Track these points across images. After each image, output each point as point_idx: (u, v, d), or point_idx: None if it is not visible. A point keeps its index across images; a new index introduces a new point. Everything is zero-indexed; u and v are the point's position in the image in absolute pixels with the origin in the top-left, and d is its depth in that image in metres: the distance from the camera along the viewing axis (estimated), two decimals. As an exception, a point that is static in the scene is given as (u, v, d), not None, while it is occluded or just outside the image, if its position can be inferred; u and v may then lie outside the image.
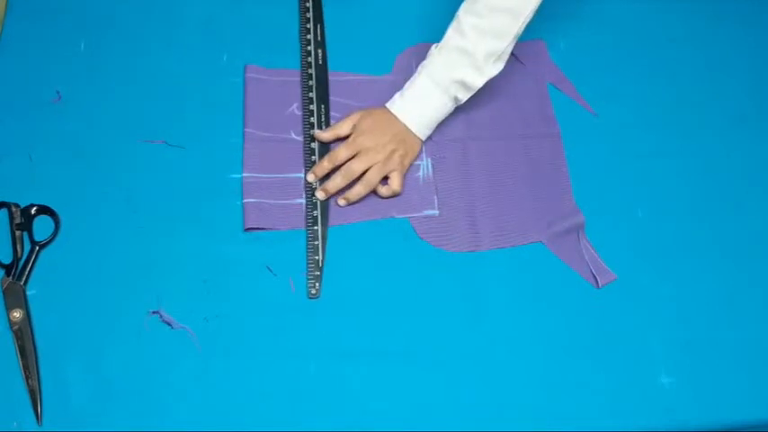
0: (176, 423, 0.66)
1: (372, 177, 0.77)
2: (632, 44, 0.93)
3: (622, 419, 0.69)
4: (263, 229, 0.76)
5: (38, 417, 0.65)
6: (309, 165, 0.80)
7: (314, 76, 0.85)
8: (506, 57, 0.78)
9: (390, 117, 0.79)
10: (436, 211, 0.79)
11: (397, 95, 0.80)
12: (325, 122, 0.83)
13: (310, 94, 0.84)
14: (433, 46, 0.79)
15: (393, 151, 0.78)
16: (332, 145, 0.81)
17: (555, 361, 0.71)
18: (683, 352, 0.72)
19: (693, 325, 0.74)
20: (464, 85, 0.78)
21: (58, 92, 0.82)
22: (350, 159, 0.78)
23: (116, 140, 0.80)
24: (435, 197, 0.80)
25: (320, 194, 0.77)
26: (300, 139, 0.82)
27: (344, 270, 0.74)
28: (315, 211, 0.77)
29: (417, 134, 0.80)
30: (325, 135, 0.80)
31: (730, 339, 0.73)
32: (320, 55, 0.87)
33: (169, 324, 0.70)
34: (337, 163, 0.78)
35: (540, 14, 0.91)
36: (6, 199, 0.75)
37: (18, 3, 0.89)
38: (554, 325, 0.73)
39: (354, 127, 0.80)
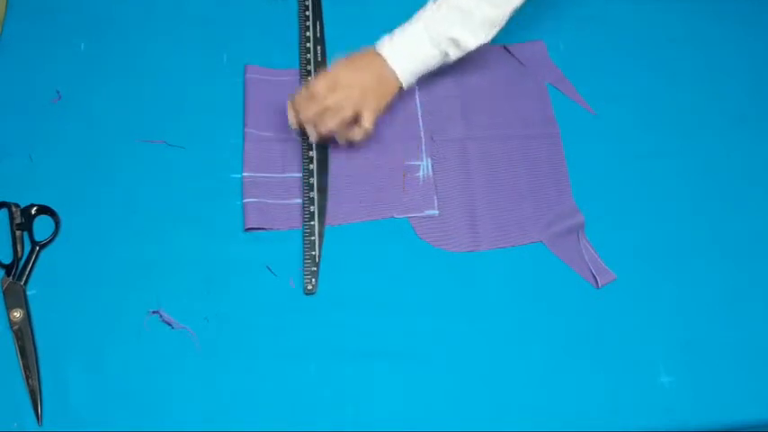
0: (176, 423, 0.66)
1: (346, 112, 0.76)
2: (632, 44, 0.93)
3: (622, 419, 0.69)
4: (263, 228, 0.76)
5: (38, 417, 0.65)
6: (306, 159, 0.80)
7: (312, 72, 0.85)
8: (500, 27, 0.79)
9: (376, 57, 0.79)
10: (436, 211, 0.79)
11: (385, 38, 0.79)
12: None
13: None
14: (431, 0, 0.80)
15: (368, 89, 0.77)
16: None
17: (555, 361, 0.71)
18: (682, 352, 0.72)
19: (693, 325, 0.74)
20: (457, 44, 0.78)
21: (58, 92, 0.82)
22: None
23: (116, 140, 0.80)
24: (435, 197, 0.80)
25: (294, 122, 0.79)
26: (301, 139, 0.82)
27: (345, 270, 0.74)
28: (312, 207, 0.77)
29: (400, 79, 0.79)
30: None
31: (730, 339, 0.73)
32: (319, 51, 0.87)
33: (169, 324, 0.70)
34: (314, 93, 0.76)
35: (539, 14, 0.91)
36: (6, 199, 0.75)
37: (18, 3, 0.89)
38: (554, 325, 0.73)
39: (334, 61, 0.79)
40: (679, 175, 0.83)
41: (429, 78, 0.86)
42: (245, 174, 0.79)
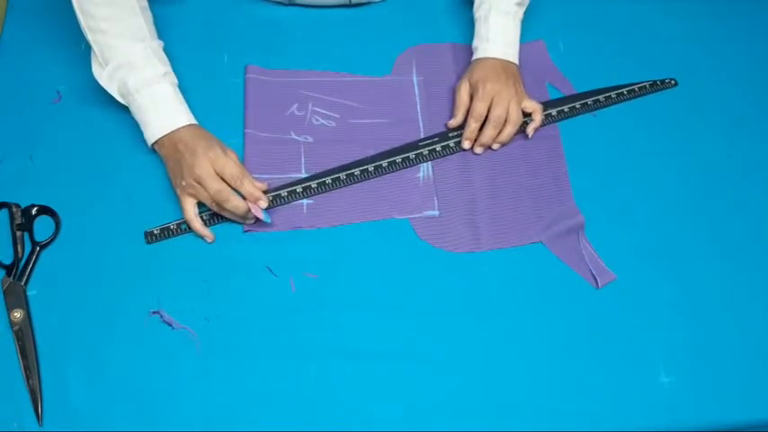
0: (176, 423, 0.66)
1: (516, 113, 0.82)
2: (632, 44, 0.93)
3: (622, 419, 0.69)
4: (263, 229, 0.76)
5: (38, 417, 0.65)
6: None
7: None
8: None
9: (489, 61, 0.83)
10: (436, 212, 0.79)
11: (481, 45, 0.85)
12: None
13: None
14: None
15: (514, 83, 0.83)
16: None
17: (555, 361, 0.71)
18: (682, 352, 0.72)
19: (693, 325, 0.74)
20: (521, 2, 0.86)
21: (58, 92, 0.82)
22: (488, 110, 0.81)
23: (116, 140, 0.80)
24: (435, 198, 0.80)
25: (479, 150, 0.82)
26: (301, 139, 0.82)
27: (345, 270, 0.74)
28: None
29: (515, 61, 0.85)
30: (457, 119, 0.83)
31: (730, 339, 0.73)
32: None
33: (170, 324, 0.70)
34: (481, 119, 0.81)
35: (539, 15, 0.91)
36: (7, 199, 0.75)
37: (18, 3, 0.89)
38: (554, 325, 0.73)
39: (471, 86, 0.83)
40: (679, 175, 0.83)
41: (429, 78, 0.86)
42: (245, 174, 0.79)
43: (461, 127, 0.83)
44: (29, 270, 0.72)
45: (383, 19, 0.92)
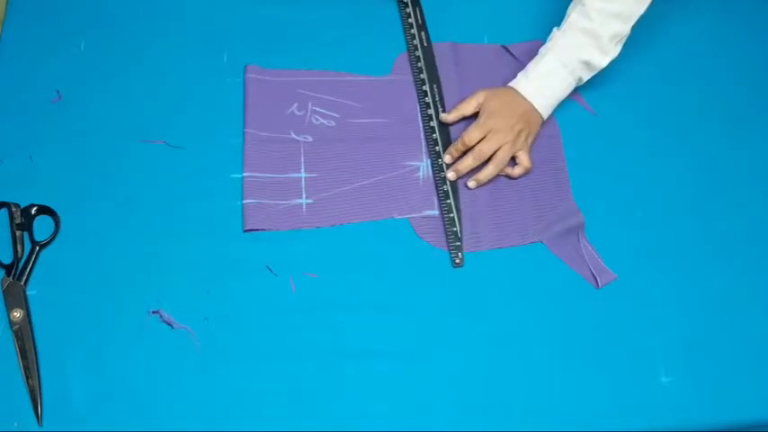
0: (176, 423, 0.66)
1: (503, 157, 0.79)
2: (632, 44, 0.93)
3: (622, 419, 0.69)
4: (263, 229, 0.76)
5: (38, 417, 0.65)
6: (431, 143, 0.82)
7: (421, 57, 0.87)
8: (626, 38, 0.82)
9: (516, 97, 0.81)
10: (436, 212, 0.79)
11: (521, 76, 0.82)
12: (440, 102, 0.84)
13: (421, 75, 0.86)
14: (555, 29, 0.82)
15: (520, 131, 0.80)
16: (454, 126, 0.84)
17: (555, 361, 0.71)
18: (682, 351, 0.72)
19: (693, 325, 0.74)
20: (589, 65, 0.81)
21: (58, 92, 0.82)
22: (480, 141, 0.79)
23: (116, 140, 0.80)
24: (435, 197, 0.80)
25: (451, 175, 0.80)
26: (301, 139, 0.82)
27: (344, 270, 0.74)
28: (444, 186, 0.79)
29: (541, 113, 0.81)
30: (450, 117, 0.82)
31: (730, 339, 0.73)
32: (423, 37, 0.88)
33: (169, 324, 0.70)
34: (470, 145, 0.79)
35: (539, 15, 0.91)
36: (7, 199, 0.75)
37: (18, 3, 0.89)
38: (554, 325, 0.73)
39: (480, 107, 0.81)
40: (679, 175, 0.83)
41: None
42: (245, 174, 0.79)
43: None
44: (28, 270, 0.72)
45: (383, 20, 0.92)
